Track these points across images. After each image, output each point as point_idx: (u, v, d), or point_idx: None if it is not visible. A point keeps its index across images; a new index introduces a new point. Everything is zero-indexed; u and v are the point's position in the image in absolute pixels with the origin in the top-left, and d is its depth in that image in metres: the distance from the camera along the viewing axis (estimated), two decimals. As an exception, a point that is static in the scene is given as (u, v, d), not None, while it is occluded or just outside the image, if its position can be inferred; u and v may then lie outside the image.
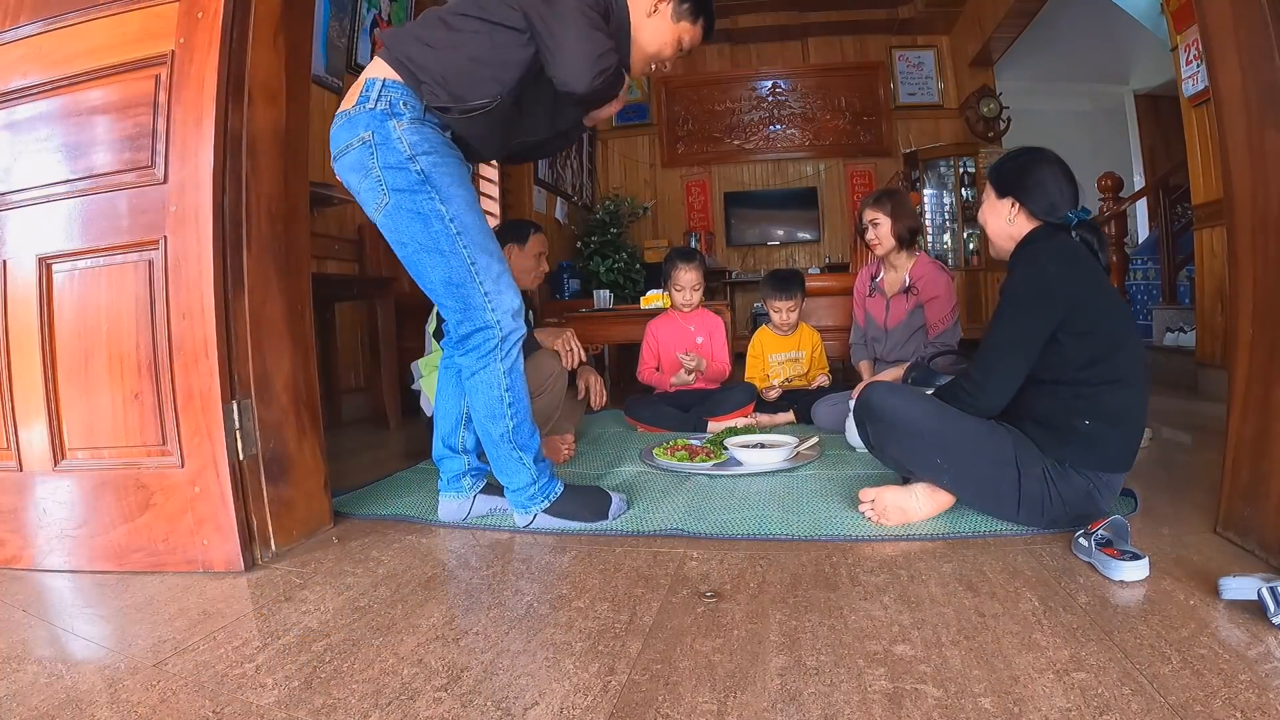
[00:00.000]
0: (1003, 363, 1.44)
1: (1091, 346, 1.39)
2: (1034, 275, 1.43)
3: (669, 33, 1.60)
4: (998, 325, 1.46)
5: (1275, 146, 1.24)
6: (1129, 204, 4.81)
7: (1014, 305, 1.44)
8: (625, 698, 0.90)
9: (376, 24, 3.66)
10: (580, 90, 1.43)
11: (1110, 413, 1.40)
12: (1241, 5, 1.29)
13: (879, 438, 1.57)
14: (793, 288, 3.04)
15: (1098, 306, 1.41)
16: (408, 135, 1.41)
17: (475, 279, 1.46)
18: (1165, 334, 4.01)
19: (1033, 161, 1.53)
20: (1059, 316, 1.39)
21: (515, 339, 1.52)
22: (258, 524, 1.48)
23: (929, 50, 6.91)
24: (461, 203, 1.46)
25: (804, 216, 7.11)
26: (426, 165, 1.42)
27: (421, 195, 1.42)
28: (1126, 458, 1.45)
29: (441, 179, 1.43)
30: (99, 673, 1.03)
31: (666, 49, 1.62)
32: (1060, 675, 0.90)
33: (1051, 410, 1.44)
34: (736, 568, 1.34)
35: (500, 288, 1.49)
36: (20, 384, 1.51)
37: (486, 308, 1.48)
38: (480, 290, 1.47)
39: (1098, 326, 1.40)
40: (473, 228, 1.46)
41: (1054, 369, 1.42)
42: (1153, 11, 3.61)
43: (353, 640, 1.09)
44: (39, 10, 1.51)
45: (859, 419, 1.61)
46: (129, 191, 1.45)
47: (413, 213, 1.43)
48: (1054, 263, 1.42)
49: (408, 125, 1.42)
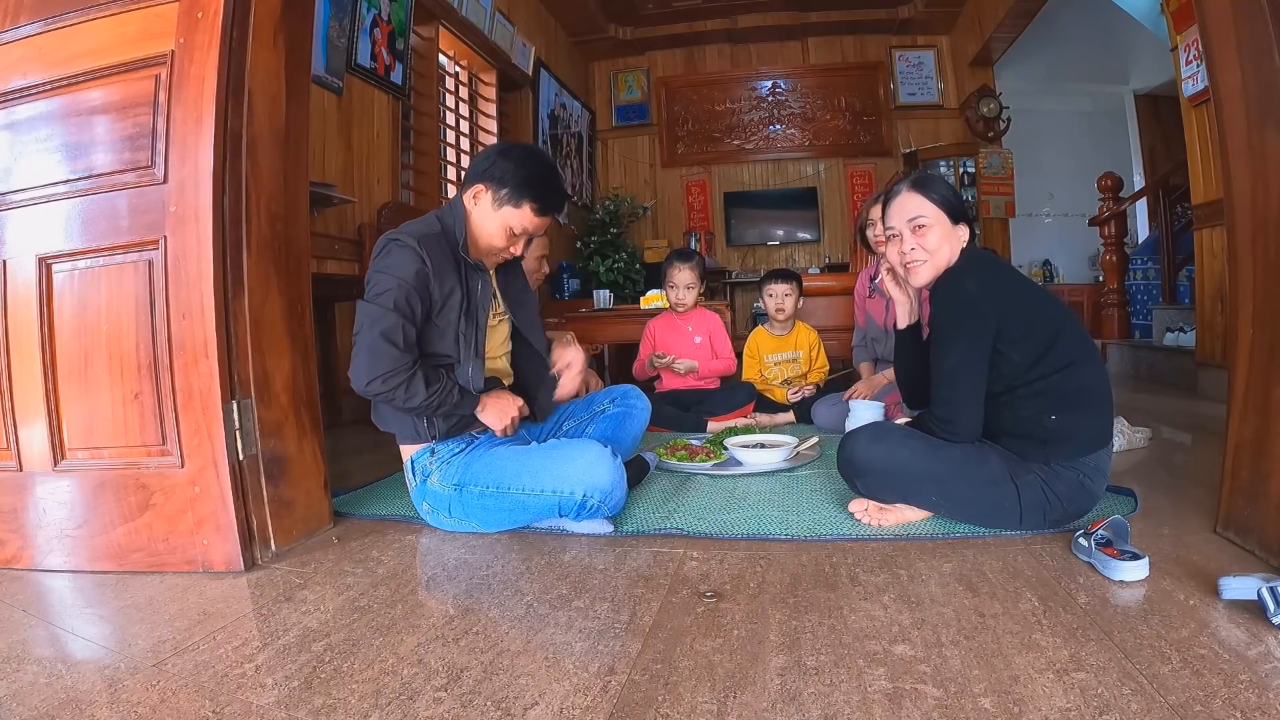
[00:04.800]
0: (959, 387, 1.44)
1: (1033, 345, 1.40)
2: (958, 296, 1.44)
3: (494, 221, 1.58)
4: (941, 355, 1.46)
5: (1275, 146, 1.24)
6: (1129, 204, 4.82)
7: (950, 331, 1.44)
8: (625, 698, 0.90)
9: (376, 24, 3.66)
10: (358, 392, 1.48)
11: (1072, 398, 1.40)
12: (1241, 5, 1.29)
13: (870, 489, 1.54)
14: (790, 275, 3.07)
15: (1024, 306, 1.42)
16: (444, 479, 1.61)
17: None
18: (1165, 334, 4.01)
19: (946, 183, 1.56)
20: (993, 328, 1.40)
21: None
22: (257, 524, 1.48)
23: (929, 50, 6.91)
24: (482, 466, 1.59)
25: (804, 216, 7.11)
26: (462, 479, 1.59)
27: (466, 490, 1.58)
28: (1105, 432, 1.44)
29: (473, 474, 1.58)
30: (99, 673, 1.02)
31: (497, 239, 1.59)
32: (1060, 675, 0.90)
33: (1019, 418, 1.43)
34: (736, 568, 1.34)
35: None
36: (20, 384, 1.51)
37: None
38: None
39: (1032, 325, 1.41)
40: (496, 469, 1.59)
41: (1006, 379, 1.43)
42: (1153, 11, 3.60)
43: (353, 640, 1.09)
44: (39, 10, 1.51)
45: (845, 475, 1.57)
46: (129, 191, 1.45)
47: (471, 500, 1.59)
48: (972, 279, 1.44)
49: (438, 473, 1.61)
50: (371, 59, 3.64)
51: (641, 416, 1.93)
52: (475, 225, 1.60)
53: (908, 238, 1.50)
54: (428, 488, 1.62)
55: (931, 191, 1.49)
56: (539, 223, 1.61)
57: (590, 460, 1.51)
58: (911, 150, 6.58)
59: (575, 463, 1.51)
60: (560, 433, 1.89)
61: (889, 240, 1.55)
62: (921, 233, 1.48)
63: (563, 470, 1.50)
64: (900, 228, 1.51)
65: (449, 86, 4.77)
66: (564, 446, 1.58)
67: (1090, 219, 4.89)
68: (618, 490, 1.53)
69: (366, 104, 3.65)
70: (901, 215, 1.51)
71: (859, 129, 7.04)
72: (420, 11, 4.08)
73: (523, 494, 1.53)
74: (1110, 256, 4.66)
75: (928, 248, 1.48)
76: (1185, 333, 3.80)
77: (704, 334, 3.12)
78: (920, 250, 1.49)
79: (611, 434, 1.87)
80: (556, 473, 1.51)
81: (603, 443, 1.58)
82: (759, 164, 7.25)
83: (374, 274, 1.50)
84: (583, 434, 1.88)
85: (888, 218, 1.54)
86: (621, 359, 4.75)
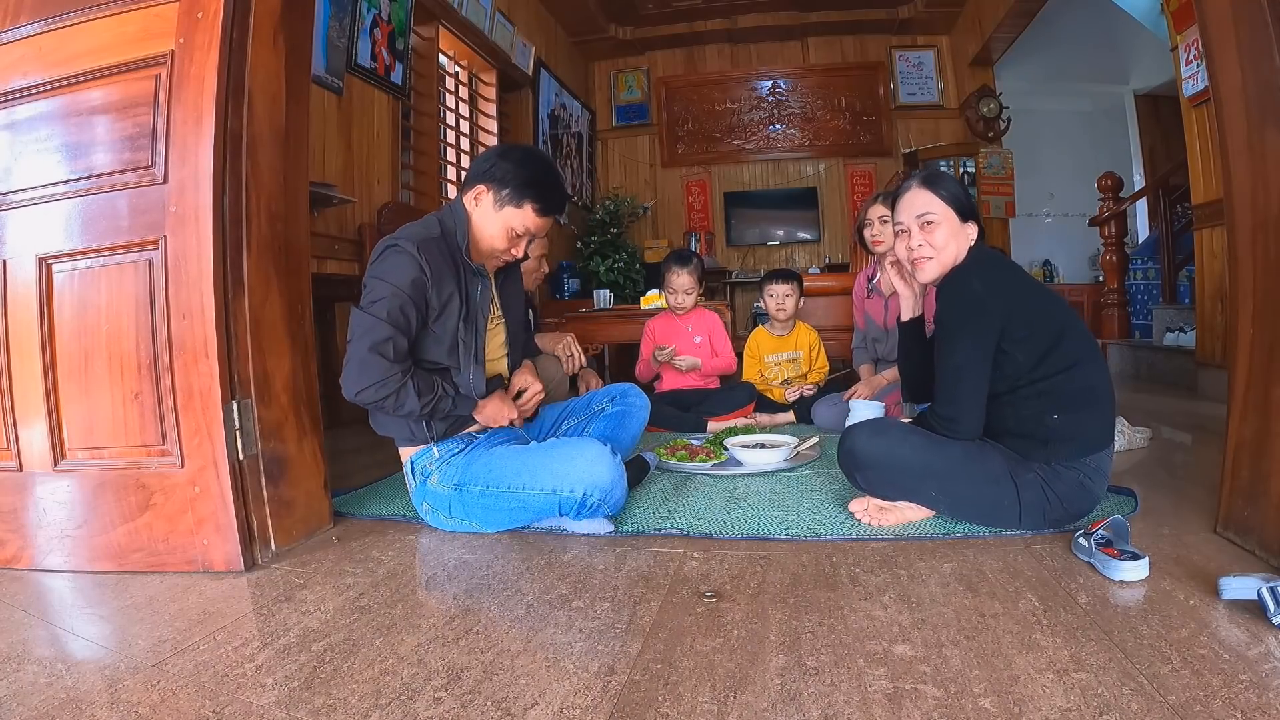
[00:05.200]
0: (962, 386, 1.44)
1: (1036, 345, 1.41)
2: (963, 295, 1.44)
3: (495, 222, 1.58)
4: (946, 353, 1.47)
5: (1275, 146, 1.24)
6: (1129, 204, 4.81)
7: (955, 330, 1.45)
8: (625, 698, 0.90)
9: (376, 24, 3.66)
10: (350, 400, 1.47)
11: (1075, 398, 1.41)
12: (1241, 5, 1.29)
13: (870, 483, 1.54)
14: (790, 275, 3.07)
15: (1029, 307, 1.42)
16: (443, 479, 1.61)
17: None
18: (1165, 334, 4.01)
19: (956, 180, 1.57)
20: (998, 329, 1.41)
21: None
22: (258, 524, 1.48)
23: (929, 50, 6.91)
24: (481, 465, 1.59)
25: (804, 216, 7.11)
26: (461, 478, 1.59)
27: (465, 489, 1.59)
28: (1106, 433, 1.45)
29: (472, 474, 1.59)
30: (99, 673, 1.02)
31: (498, 240, 1.59)
32: (1060, 675, 0.90)
33: (1021, 418, 1.44)
34: (736, 568, 1.34)
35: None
36: (20, 384, 1.51)
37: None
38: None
39: (1036, 326, 1.41)
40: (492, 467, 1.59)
41: (1009, 379, 1.43)
42: (1153, 11, 3.60)
43: (353, 640, 1.09)
44: (39, 10, 1.51)
45: (846, 468, 1.57)
46: (129, 191, 1.45)
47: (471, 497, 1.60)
48: (977, 279, 1.44)
49: (438, 473, 1.62)
50: (371, 59, 3.64)
51: (641, 415, 1.93)
52: (476, 227, 1.60)
53: (915, 234, 1.51)
54: (428, 488, 1.62)
55: (941, 189, 1.51)
56: (540, 223, 1.61)
57: (590, 459, 1.51)
58: (911, 150, 6.58)
59: (575, 461, 1.51)
60: (560, 431, 1.89)
61: (897, 235, 1.57)
62: (929, 229, 1.49)
63: (563, 469, 1.50)
64: (909, 223, 1.52)
65: (449, 86, 4.77)
66: (564, 445, 1.58)
67: (1090, 219, 4.89)
68: (618, 488, 1.53)
69: (366, 104, 3.65)
70: (910, 211, 1.52)
71: (859, 129, 7.04)
72: (420, 11, 4.08)
73: (523, 493, 1.53)
74: (1110, 256, 4.66)
75: (935, 244, 1.49)
76: (1185, 333, 3.80)
77: (704, 333, 3.12)
78: (927, 246, 1.50)
79: (611, 433, 1.87)
80: (556, 471, 1.51)
81: (602, 441, 1.58)
82: (759, 164, 7.24)
83: (370, 280, 1.49)
84: (582, 433, 1.88)
85: (897, 213, 1.55)
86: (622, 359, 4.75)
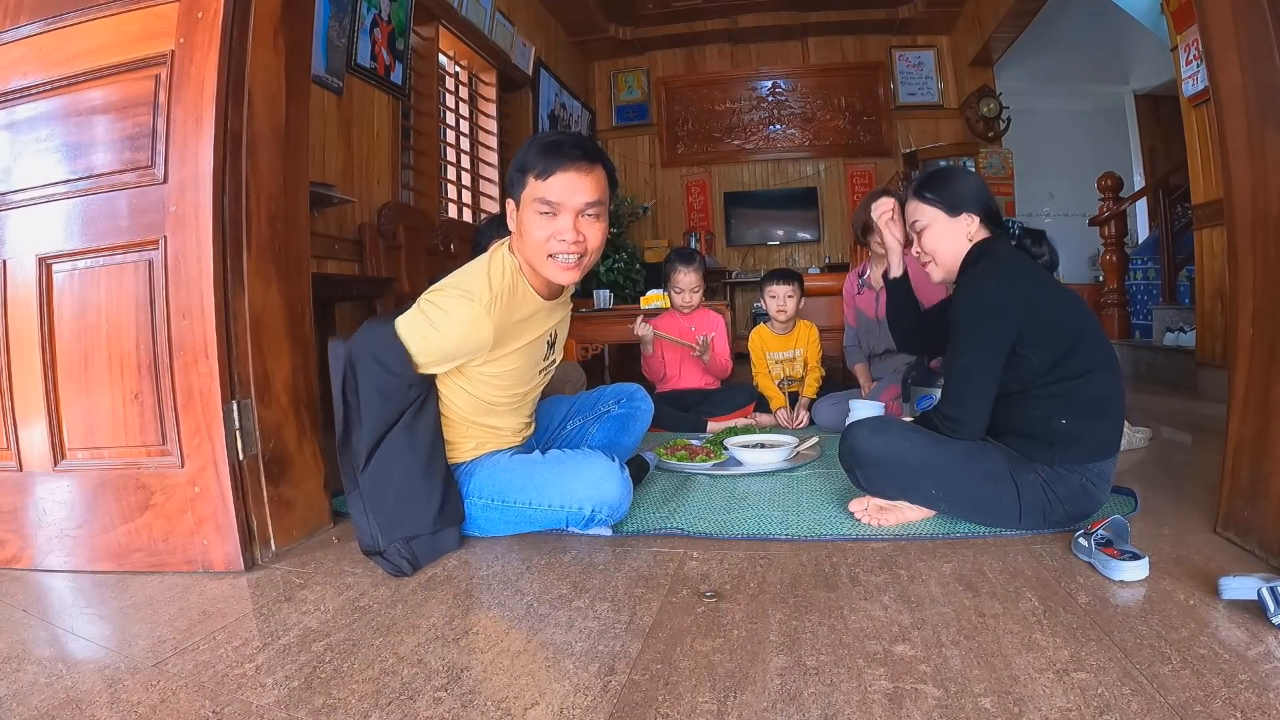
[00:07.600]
0: (970, 388, 1.45)
1: (1052, 350, 1.41)
2: (980, 299, 1.44)
3: (527, 219, 1.46)
4: (956, 354, 1.47)
5: (1275, 146, 1.24)
6: (1129, 204, 4.81)
7: (968, 332, 1.46)
8: (625, 698, 0.90)
9: (376, 24, 3.66)
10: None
11: (1086, 404, 1.41)
12: (1241, 5, 1.29)
13: (869, 480, 1.54)
14: (792, 276, 3.06)
15: (1047, 312, 1.42)
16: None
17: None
18: (1165, 334, 4.01)
19: (959, 174, 1.61)
20: (1012, 334, 1.41)
21: None
22: (258, 524, 1.48)
23: (929, 50, 6.90)
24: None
25: (804, 216, 7.10)
26: None
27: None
28: (1113, 442, 1.45)
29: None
30: (99, 673, 1.02)
31: (539, 234, 1.44)
32: (1060, 675, 0.90)
33: (1029, 419, 1.44)
34: (736, 568, 1.34)
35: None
36: (20, 384, 1.51)
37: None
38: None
39: (1053, 331, 1.41)
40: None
41: (1022, 380, 1.43)
42: (1153, 11, 3.60)
43: (353, 640, 1.09)
44: (39, 10, 1.51)
45: (846, 465, 1.58)
46: (129, 191, 1.45)
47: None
48: (996, 283, 1.44)
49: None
50: (371, 59, 3.63)
51: (645, 419, 1.93)
52: (521, 231, 1.48)
53: (916, 242, 1.60)
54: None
55: (925, 191, 1.57)
56: (559, 188, 1.41)
57: (599, 475, 1.49)
58: (911, 150, 6.57)
59: (583, 477, 1.50)
60: (564, 430, 1.89)
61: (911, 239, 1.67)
62: (922, 236, 1.58)
63: (570, 485, 1.50)
64: (911, 234, 1.62)
65: (449, 86, 4.77)
66: (570, 460, 1.55)
67: (1090, 219, 4.89)
68: (625, 503, 1.52)
69: (366, 104, 3.65)
70: (909, 223, 1.61)
71: (859, 129, 7.03)
72: (420, 11, 4.08)
73: (529, 508, 1.52)
74: (1110, 256, 4.66)
75: (927, 248, 1.58)
76: (1185, 333, 3.79)
77: (708, 333, 3.11)
78: (924, 252, 1.59)
79: (615, 435, 1.87)
80: (564, 488, 1.50)
81: (606, 451, 1.58)
82: (759, 164, 7.24)
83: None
84: (585, 434, 1.88)
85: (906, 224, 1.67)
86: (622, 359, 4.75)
